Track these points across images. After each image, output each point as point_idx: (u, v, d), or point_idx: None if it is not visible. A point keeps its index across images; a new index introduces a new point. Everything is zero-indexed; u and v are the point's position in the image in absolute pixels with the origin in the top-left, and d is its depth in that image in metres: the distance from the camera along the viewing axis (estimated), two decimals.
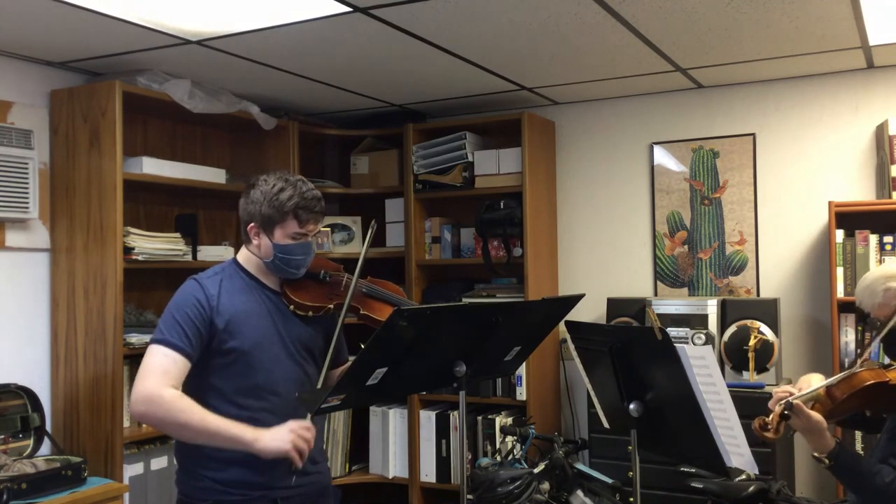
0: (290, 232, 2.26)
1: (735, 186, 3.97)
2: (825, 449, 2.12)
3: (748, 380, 3.53)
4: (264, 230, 2.27)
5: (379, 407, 4.32)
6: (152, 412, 2.09)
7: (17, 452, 3.04)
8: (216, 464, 2.22)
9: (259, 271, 2.34)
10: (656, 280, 4.13)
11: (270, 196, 2.25)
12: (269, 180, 2.28)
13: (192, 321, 2.17)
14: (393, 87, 3.87)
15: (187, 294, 2.23)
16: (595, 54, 3.36)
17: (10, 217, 3.13)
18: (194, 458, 2.25)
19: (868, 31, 3.12)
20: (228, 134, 4.17)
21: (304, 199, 2.26)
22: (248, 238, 2.32)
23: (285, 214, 2.25)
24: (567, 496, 3.22)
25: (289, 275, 2.32)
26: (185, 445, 2.29)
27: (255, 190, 2.29)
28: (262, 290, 2.32)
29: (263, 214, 2.26)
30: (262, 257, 2.30)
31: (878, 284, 2.25)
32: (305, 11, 2.74)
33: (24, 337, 3.26)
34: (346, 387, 2.02)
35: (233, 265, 2.36)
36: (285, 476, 2.19)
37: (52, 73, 3.36)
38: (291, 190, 2.26)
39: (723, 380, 2.01)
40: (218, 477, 2.22)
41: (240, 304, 2.26)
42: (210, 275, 2.30)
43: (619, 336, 2.24)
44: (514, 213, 3.99)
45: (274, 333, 2.29)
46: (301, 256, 2.29)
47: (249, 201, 2.29)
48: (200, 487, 2.24)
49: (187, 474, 2.28)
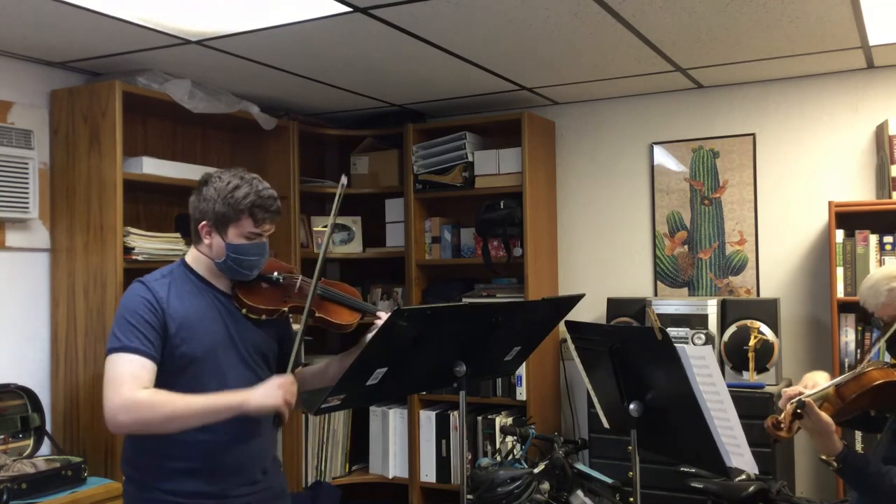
0: (245, 231, 2.15)
1: (735, 186, 3.97)
2: (833, 451, 2.10)
3: (748, 380, 3.53)
4: (217, 229, 2.16)
5: (379, 407, 4.32)
6: (135, 418, 2.00)
7: (17, 452, 3.04)
8: (173, 475, 2.15)
9: (209, 273, 2.23)
10: (656, 280, 4.13)
11: (225, 193, 2.14)
12: (224, 177, 2.17)
13: (147, 323, 2.08)
14: (393, 87, 3.87)
15: (135, 297, 2.13)
16: (595, 54, 3.36)
17: (10, 217, 3.12)
18: (145, 469, 2.19)
19: (868, 31, 3.12)
20: (228, 134, 4.17)
21: (260, 197, 2.16)
22: (199, 237, 2.20)
23: (240, 213, 2.14)
24: (567, 496, 3.22)
25: (241, 276, 2.21)
26: (133, 458, 2.22)
27: (207, 187, 2.17)
28: (213, 292, 2.22)
29: (217, 212, 2.15)
30: (213, 257, 2.20)
31: (883, 284, 2.24)
32: (305, 11, 2.74)
33: (24, 337, 3.26)
34: (346, 387, 2.02)
35: (181, 267, 2.25)
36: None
37: (52, 73, 3.36)
38: (247, 188, 2.15)
39: (723, 380, 2.01)
40: (169, 488, 2.15)
41: (190, 308, 2.16)
42: (157, 277, 2.20)
43: (619, 336, 2.24)
44: (514, 213, 3.99)
45: (226, 338, 2.20)
46: (255, 257, 2.19)
47: (202, 199, 2.17)
48: (151, 499, 2.16)
49: (137, 487, 2.20)
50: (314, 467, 4.23)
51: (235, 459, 2.18)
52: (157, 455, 2.16)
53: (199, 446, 2.14)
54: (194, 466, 2.14)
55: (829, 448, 2.10)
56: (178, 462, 2.14)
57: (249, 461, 2.21)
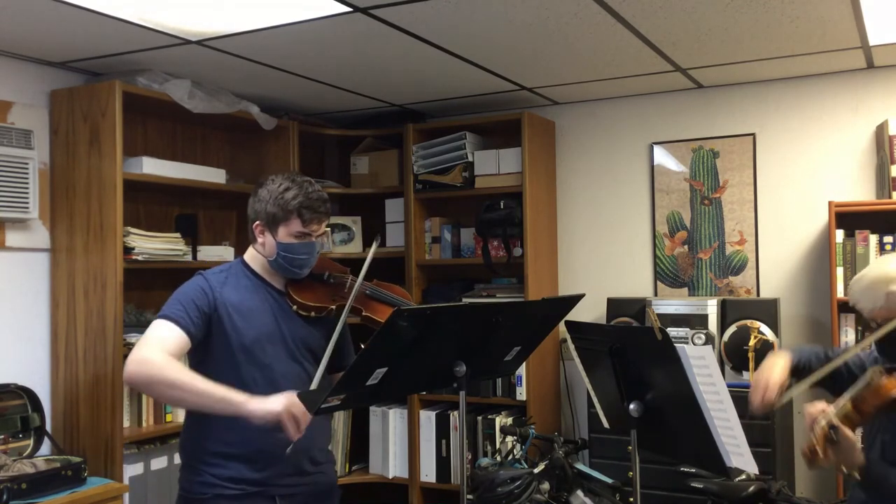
0: (294, 231, 2.29)
1: (735, 186, 3.97)
2: (856, 465, 2.06)
3: (748, 380, 3.53)
4: (269, 228, 2.31)
5: (379, 407, 4.32)
6: (143, 371, 2.10)
7: (17, 452, 3.04)
8: (216, 459, 2.25)
9: (264, 271, 2.38)
10: (656, 280, 4.13)
11: (276, 195, 2.29)
12: (277, 180, 2.33)
13: (194, 304, 2.21)
14: (393, 87, 3.87)
15: (192, 283, 2.29)
16: (595, 54, 3.36)
17: (10, 217, 3.12)
18: (196, 453, 2.29)
19: (868, 31, 3.12)
20: (228, 134, 4.17)
21: (308, 198, 2.30)
22: (254, 236, 2.36)
23: (289, 213, 2.28)
24: (567, 496, 3.21)
25: (292, 274, 2.34)
26: (188, 441, 2.32)
27: (262, 189, 2.34)
28: (267, 288, 2.36)
29: (268, 213, 2.30)
30: (266, 256, 2.34)
31: (881, 287, 2.17)
32: (305, 11, 2.74)
33: (24, 337, 3.26)
34: (346, 387, 2.02)
35: (239, 264, 2.40)
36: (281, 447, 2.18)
37: (52, 73, 3.36)
38: (297, 189, 2.30)
39: (723, 380, 2.01)
40: (217, 472, 2.25)
41: (244, 300, 2.29)
42: (216, 271, 2.35)
43: (619, 336, 2.24)
44: (514, 213, 3.99)
45: (275, 331, 2.32)
46: (304, 256, 2.32)
47: (256, 200, 2.34)
48: (200, 482, 2.27)
49: (188, 470, 2.31)
50: None
51: (278, 448, 2.20)
52: (202, 438, 2.27)
53: (239, 432, 2.21)
54: (236, 452, 2.24)
55: (852, 462, 2.06)
56: (220, 446, 2.25)
57: (296, 451, 2.22)
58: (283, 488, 2.30)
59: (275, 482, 2.28)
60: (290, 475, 2.31)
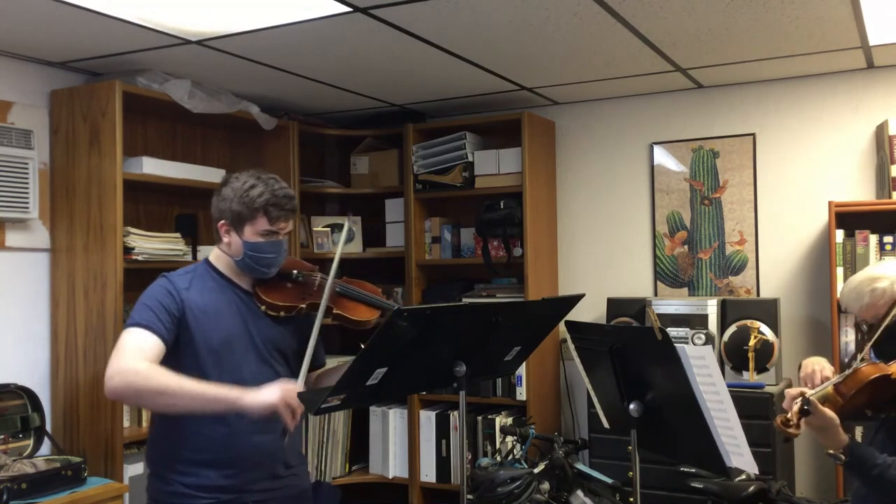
0: (260, 230, 2.22)
1: (735, 186, 3.97)
2: (840, 445, 2.11)
3: (748, 380, 3.53)
4: (234, 228, 2.24)
5: (379, 407, 4.32)
6: (127, 382, 2.02)
7: (17, 452, 3.04)
8: (187, 467, 2.18)
9: (231, 271, 2.30)
10: (656, 280, 4.13)
11: (241, 193, 2.22)
12: (241, 177, 2.26)
13: (163, 307, 2.14)
14: (393, 87, 3.87)
15: (157, 286, 2.21)
16: (595, 54, 3.36)
17: (10, 217, 3.12)
18: (165, 461, 2.21)
19: (868, 31, 3.12)
20: (228, 134, 4.17)
21: (275, 196, 2.22)
22: (219, 236, 2.28)
23: (255, 211, 2.22)
24: (567, 496, 3.22)
25: (260, 274, 2.28)
26: (154, 450, 2.25)
27: (226, 187, 2.26)
28: (234, 289, 2.29)
29: (234, 211, 2.23)
30: (232, 256, 2.27)
31: (865, 286, 2.25)
32: (305, 11, 2.74)
33: (24, 337, 3.26)
34: (346, 387, 2.02)
35: (204, 265, 2.32)
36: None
37: (52, 73, 3.36)
38: (262, 187, 2.22)
39: (723, 380, 2.01)
40: (189, 481, 2.18)
41: (210, 302, 2.22)
42: (181, 273, 2.27)
43: (619, 336, 2.24)
44: (514, 213, 3.99)
45: (244, 333, 2.25)
46: (271, 255, 2.25)
47: (221, 198, 2.27)
48: (170, 492, 2.19)
49: (157, 479, 2.23)
50: (314, 467, 4.23)
51: (254, 452, 2.19)
52: (175, 445, 2.19)
53: (216, 438, 2.17)
54: (211, 458, 2.17)
55: (835, 442, 2.11)
56: (195, 453, 2.17)
57: (269, 455, 2.21)
58: (258, 494, 2.23)
59: (248, 488, 2.21)
60: (264, 479, 2.25)
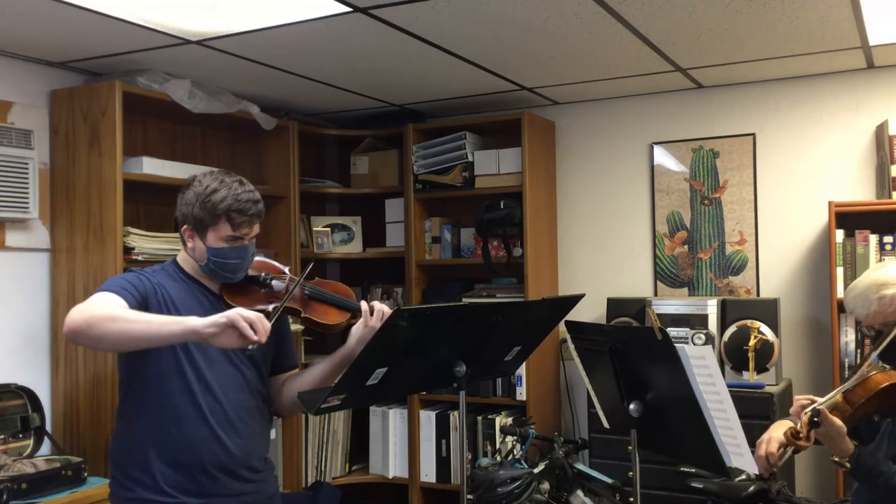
0: (224, 235, 2.14)
1: (735, 186, 3.97)
2: (846, 453, 2.12)
3: (748, 380, 3.53)
4: (197, 233, 2.16)
5: (379, 407, 4.32)
6: (83, 315, 1.93)
7: (17, 452, 3.04)
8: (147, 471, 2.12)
9: (198, 273, 2.24)
10: (656, 280, 4.13)
11: (203, 197, 2.13)
12: (204, 180, 2.16)
13: (131, 284, 2.08)
14: (393, 87, 3.87)
15: (125, 274, 2.16)
16: (595, 54, 3.36)
17: (10, 217, 3.12)
18: (125, 464, 2.16)
19: (868, 31, 3.12)
20: (228, 134, 4.17)
21: (237, 200, 2.13)
22: (184, 240, 2.22)
23: (217, 217, 2.13)
24: (567, 496, 3.21)
25: (225, 279, 2.21)
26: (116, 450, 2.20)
27: (189, 190, 2.18)
28: (202, 290, 2.23)
29: (195, 216, 2.14)
30: (197, 260, 2.20)
31: (872, 292, 2.21)
32: (305, 11, 2.74)
33: (24, 337, 3.26)
34: (346, 387, 2.02)
35: (172, 265, 2.26)
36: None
37: (52, 73, 3.36)
38: (225, 191, 2.13)
39: (723, 380, 2.00)
40: (150, 484, 2.11)
41: (177, 301, 2.17)
42: (150, 271, 2.21)
43: (619, 336, 2.24)
44: (514, 213, 3.99)
45: None
46: (236, 261, 2.18)
47: (183, 202, 2.18)
48: (131, 499, 2.13)
49: (117, 485, 2.18)
50: (314, 467, 4.23)
51: (217, 456, 2.15)
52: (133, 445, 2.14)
53: (178, 441, 2.12)
54: (170, 459, 2.12)
55: (841, 450, 2.12)
56: (153, 454, 2.12)
57: (233, 459, 2.18)
58: (222, 499, 2.17)
59: (214, 492, 2.15)
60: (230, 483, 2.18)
